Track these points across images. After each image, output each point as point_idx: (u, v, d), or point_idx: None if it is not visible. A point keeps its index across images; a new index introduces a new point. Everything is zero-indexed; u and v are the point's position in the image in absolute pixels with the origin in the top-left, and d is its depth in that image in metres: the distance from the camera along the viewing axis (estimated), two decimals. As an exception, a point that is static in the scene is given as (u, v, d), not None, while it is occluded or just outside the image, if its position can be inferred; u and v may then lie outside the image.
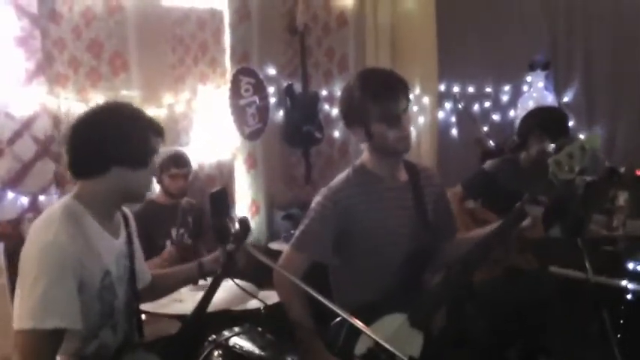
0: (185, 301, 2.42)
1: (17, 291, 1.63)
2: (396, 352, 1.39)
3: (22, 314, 1.56)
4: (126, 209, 1.98)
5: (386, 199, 2.05)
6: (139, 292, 1.93)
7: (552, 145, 1.98)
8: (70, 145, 1.74)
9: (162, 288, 2.14)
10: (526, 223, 2.01)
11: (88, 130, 1.72)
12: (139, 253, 1.98)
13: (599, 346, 2.66)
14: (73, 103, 3.41)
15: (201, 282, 2.19)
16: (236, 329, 2.76)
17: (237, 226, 1.85)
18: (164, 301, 2.45)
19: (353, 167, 2.10)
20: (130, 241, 1.90)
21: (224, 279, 1.95)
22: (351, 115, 2.03)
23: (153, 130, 1.78)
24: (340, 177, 2.09)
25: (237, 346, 2.61)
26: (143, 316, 2.74)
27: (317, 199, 2.05)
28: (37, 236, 1.65)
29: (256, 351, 2.60)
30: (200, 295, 1.98)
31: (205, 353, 2.57)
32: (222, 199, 1.86)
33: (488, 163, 3.05)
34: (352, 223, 2.00)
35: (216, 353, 2.58)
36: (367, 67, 2.14)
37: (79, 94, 3.46)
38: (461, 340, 3.70)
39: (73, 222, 1.67)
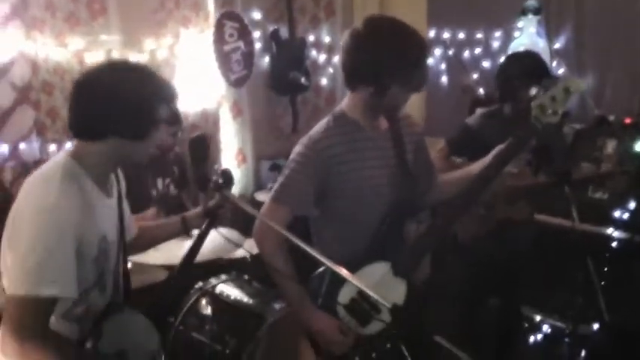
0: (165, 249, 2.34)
1: (5, 250, 1.57)
2: (379, 299, 1.37)
3: (16, 279, 1.50)
4: None
5: (367, 148, 2.00)
6: (127, 253, 1.89)
7: (535, 89, 1.93)
8: (71, 103, 1.65)
9: (146, 242, 2.10)
10: (510, 168, 2.00)
11: (89, 93, 1.63)
12: (127, 209, 1.93)
13: (583, 293, 2.70)
14: (52, 49, 3.30)
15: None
16: (223, 277, 2.78)
17: (219, 177, 1.82)
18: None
19: (333, 115, 2.03)
20: (120, 198, 1.84)
21: (208, 234, 1.94)
22: (364, 72, 1.90)
23: (162, 98, 1.68)
24: (320, 125, 2.02)
25: (225, 294, 2.63)
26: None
27: (297, 149, 1.99)
28: (34, 197, 1.57)
29: (244, 298, 2.62)
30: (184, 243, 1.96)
31: (192, 300, 2.59)
32: (202, 145, 1.82)
33: (472, 119, 2.96)
34: (333, 173, 1.95)
35: (203, 301, 2.60)
36: (381, 19, 1.95)
37: (57, 38, 3.35)
38: (445, 289, 3.77)
39: (72, 184, 1.60)
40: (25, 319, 1.49)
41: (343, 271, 1.50)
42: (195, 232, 2.04)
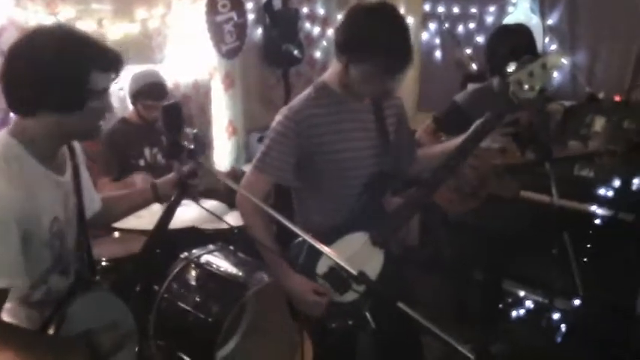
0: (143, 217, 2.33)
1: None
2: (347, 268, 1.41)
3: None
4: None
5: (348, 119, 2.03)
6: (87, 230, 1.79)
7: (513, 64, 1.94)
8: (1, 75, 1.51)
9: (114, 213, 2.01)
10: (496, 144, 2.02)
11: (13, 64, 1.49)
12: (87, 183, 1.83)
13: (562, 269, 2.75)
14: (43, 17, 3.28)
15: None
16: (209, 247, 2.83)
17: (190, 143, 1.78)
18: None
19: (315, 86, 2.05)
20: (76, 174, 1.74)
21: (179, 204, 1.90)
22: (342, 47, 1.93)
23: (98, 64, 1.53)
24: (301, 96, 2.04)
25: (210, 264, 2.67)
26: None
27: (278, 119, 2.01)
28: None
29: (229, 268, 2.66)
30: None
31: (177, 269, 2.63)
32: (176, 112, 1.82)
33: (460, 96, 2.94)
34: (313, 143, 1.98)
35: (189, 270, 2.64)
36: (376, 5, 1.98)
37: (48, 7, 3.32)
38: (433, 262, 3.82)
39: (13, 166, 1.49)
40: None
41: (318, 244, 1.53)
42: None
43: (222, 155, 4.31)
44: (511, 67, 1.93)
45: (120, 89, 3.53)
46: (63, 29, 1.57)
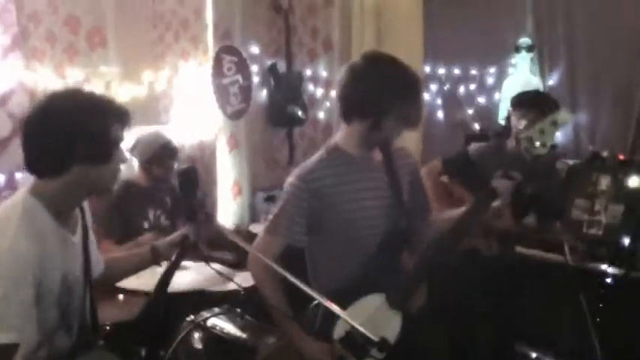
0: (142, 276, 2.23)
1: None
2: (368, 334, 1.36)
3: None
4: None
5: (360, 179, 2.02)
6: (93, 289, 1.82)
7: (524, 122, 1.99)
8: (24, 143, 1.58)
9: (115, 274, 2.02)
10: (497, 202, 2.02)
11: (41, 128, 1.56)
12: (93, 244, 1.86)
13: (576, 330, 2.68)
14: (51, 79, 3.33)
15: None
16: (215, 310, 2.76)
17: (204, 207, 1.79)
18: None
19: (326, 147, 2.05)
20: (85, 234, 1.77)
21: (179, 264, 1.87)
22: (361, 105, 1.93)
23: (115, 117, 1.63)
24: (313, 157, 2.04)
25: (217, 327, 2.60)
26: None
27: (289, 181, 2.00)
28: None
29: (237, 332, 2.59)
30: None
31: (183, 334, 2.56)
32: (193, 176, 1.81)
33: (473, 149, 2.98)
34: (326, 204, 1.96)
35: (195, 334, 2.57)
36: (380, 55, 2.01)
37: (57, 70, 3.38)
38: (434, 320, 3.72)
39: (31, 224, 1.53)
40: None
41: (335, 307, 1.49)
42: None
43: (227, 215, 4.29)
44: (521, 125, 1.97)
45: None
46: (74, 90, 1.69)
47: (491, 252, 2.81)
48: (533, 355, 3.49)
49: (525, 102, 2.72)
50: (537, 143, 1.97)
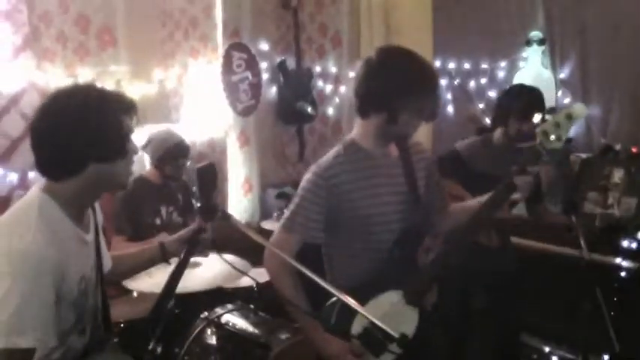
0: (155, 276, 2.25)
1: None
2: (387, 329, 1.36)
3: None
4: None
5: (377, 175, 2.01)
6: (105, 289, 1.78)
7: (539, 116, 1.98)
8: (36, 146, 1.54)
9: (123, 271, 2.00)
10: (516, 195, 2.01)
11: (53, 129, 1.52)
12: (103, 242, 1.84)
13: (591, 324, 2.66)
14: (62, 79, 3.34)
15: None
16: (229, 306, 2.77)
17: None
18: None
19: (343, 143, 2.04)
20: (97, 232, 1.75)
21: (189, 261, 1.84)
22: (377, 100, 1.92)
23: (123, 110, 1.60)
24: (330, 154, 2.03)
25: (230, 324, 2.61)
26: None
27: (307, 177, 1.99)
28: (9, 238, 1.45)
29: (249, 328, 2.60)
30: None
31: (198, 330, 2.58)
32: (212, 173, 1.80)
33: (461, 145, 2.96)
34: (343, 200, 1.95)
35: (209, 331, 2.58)
36: (395, 49, 1.99)
37: (67, 69, 3.39)
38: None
39: (49, 225, 1.50)
40: None
41: (353, 302, 1.48)
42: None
43: (238, 212, 4.29)
44: (536, 119, 1.95)
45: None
46: (76, 87, 1.64)
47: (490, 243, 2.81)
48: (547, 349, 3.47)
49: (529, 107, 2.71)
50: (552, 137, 1.95)
